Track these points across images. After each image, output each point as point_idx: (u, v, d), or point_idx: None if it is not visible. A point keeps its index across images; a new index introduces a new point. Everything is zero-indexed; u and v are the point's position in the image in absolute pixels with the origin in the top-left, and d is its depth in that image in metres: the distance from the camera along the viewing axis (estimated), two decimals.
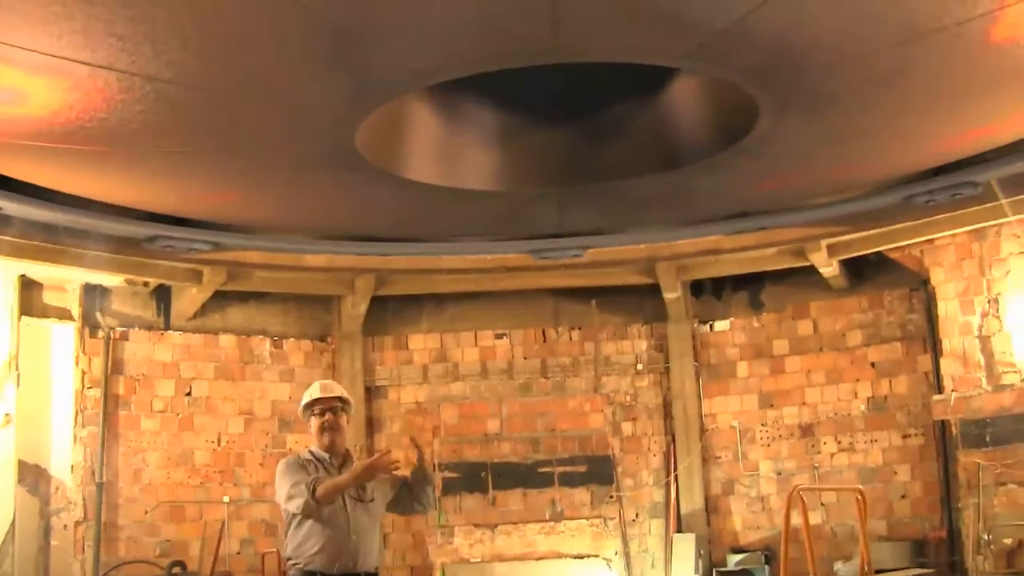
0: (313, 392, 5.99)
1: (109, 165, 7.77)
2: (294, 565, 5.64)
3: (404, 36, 5.79)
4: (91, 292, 11.49)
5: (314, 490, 5.46)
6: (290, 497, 5.54)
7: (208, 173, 8.24)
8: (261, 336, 12.68)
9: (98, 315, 11.56)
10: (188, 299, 12.01)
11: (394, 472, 5.89)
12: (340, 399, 5.99)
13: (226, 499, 11.79)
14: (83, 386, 11.36)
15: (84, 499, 11.13)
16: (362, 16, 5.47)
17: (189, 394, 12.08)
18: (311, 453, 5.88)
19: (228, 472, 12.08)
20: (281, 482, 5.67)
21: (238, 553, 11.82)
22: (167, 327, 12.10)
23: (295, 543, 5.63)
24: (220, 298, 12.15)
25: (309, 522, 5.57)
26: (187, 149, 7.51)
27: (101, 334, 11.54)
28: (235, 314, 12.59)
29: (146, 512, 11.51)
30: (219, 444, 12.11)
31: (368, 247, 11.00)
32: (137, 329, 11.87)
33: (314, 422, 5.92)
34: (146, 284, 11.75)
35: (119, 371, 11.66)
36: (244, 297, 12.52)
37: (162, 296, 12.08)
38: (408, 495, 6.08)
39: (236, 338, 12.51)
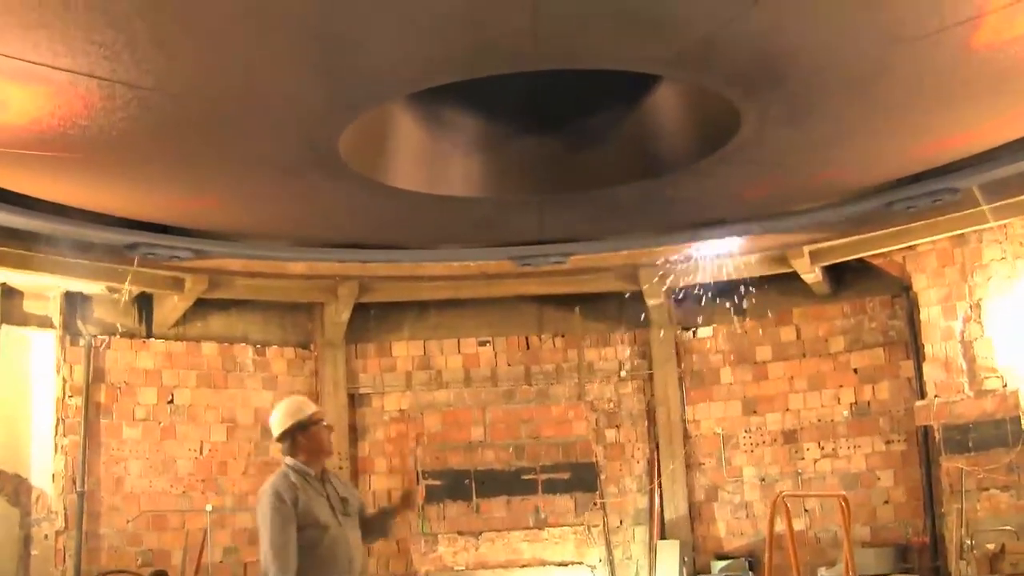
0: (305, 408, 5.98)
1: (90, 172, 7.72)
2: None
3: (387, 43, 5.78)
4: (72, 300, 11.45)
5: None
6: (275, 558, 5.42)
7: (190, 180, 8.19)
8: (243, 344, 12.66)
9: (79, 323, 11.51)
10: (170, 307, 11.98)
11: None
12: None
13: (209, 508, 11.71)
14: (64, 394, 11.31)
15: (65, 508, 11.07)
16: (345, 23, 5.46)
17: (171, 402, 12.05)
18: (292, 471, 5.77)
19: (210, 480, 12.05)
20: (269, 525, 5.51)
21: (221, 562, 11.78)
22: (149, 335, 12.08)
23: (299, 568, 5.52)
24: (202, 306, 12.13)
25: (315, 550, 5.53)
26: (168, 156, 7.46)
27: (82, 342, 11.50)
28: (217, 322, 12.57)
29: (128, 521, 11.46)
30: (201, 452, 12.08)
31: (350, 254, 10.95)
32: (119, 337, 11.82)
33: (322, 433, 5.91)
34: (128, 292, 11.70)
35: (100, 379, 11.62)
36: (226, 305, 12.49)
37: (144, 304, 12.05)
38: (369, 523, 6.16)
39: (218, 346, 12.48)
